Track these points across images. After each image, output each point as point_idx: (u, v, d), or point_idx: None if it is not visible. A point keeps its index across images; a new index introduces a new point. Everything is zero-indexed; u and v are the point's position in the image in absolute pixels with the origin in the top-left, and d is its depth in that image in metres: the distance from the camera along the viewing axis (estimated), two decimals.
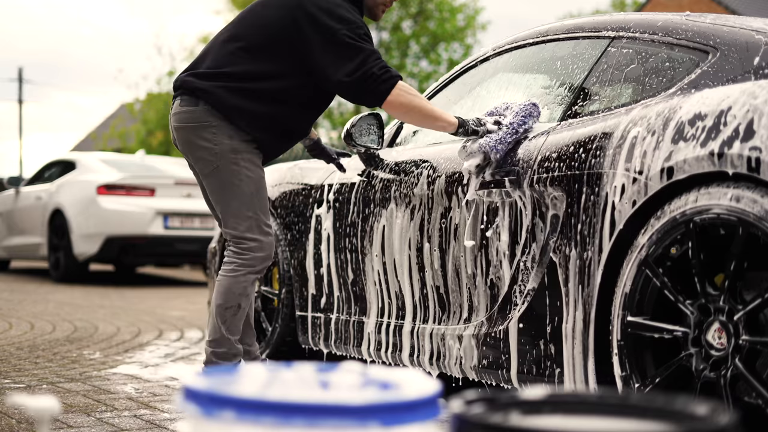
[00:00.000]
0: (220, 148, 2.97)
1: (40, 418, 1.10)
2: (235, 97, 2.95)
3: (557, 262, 2.51)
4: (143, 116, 23.38)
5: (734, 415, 0.90)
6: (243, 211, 3.00)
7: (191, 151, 3.04)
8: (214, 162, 2.98)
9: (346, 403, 0.93)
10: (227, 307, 3.00)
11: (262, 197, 3.05)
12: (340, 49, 2.85)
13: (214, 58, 3.02)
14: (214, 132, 2.97)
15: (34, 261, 10.59)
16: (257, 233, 3.02)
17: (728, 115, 2.11)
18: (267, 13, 2.98)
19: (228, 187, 2.99)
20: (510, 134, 2.76)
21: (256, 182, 3.02)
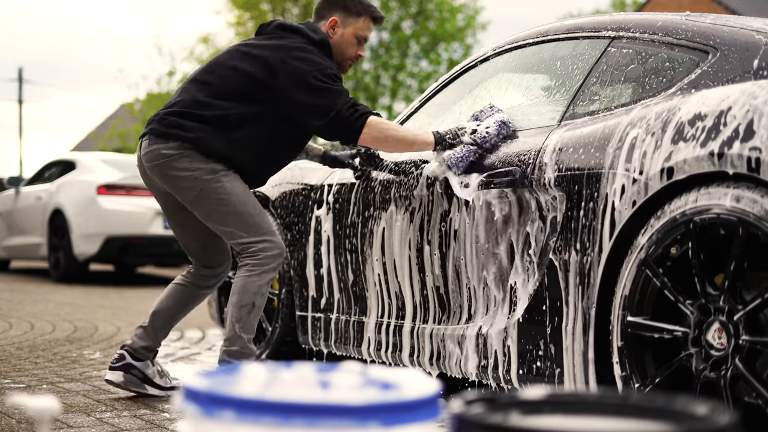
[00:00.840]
0: (198, 173, 2.99)
1: (40, 418, 1.10)
2: (207, 136, 2.99)
3: (557, 262, 2.51)
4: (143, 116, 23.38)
5: (734, 415, 0.90)
6: (241, 220, 3.02)
7: (171, 185, 3.06)
8: (196, 187, 3.00)
9: (346, 403, 0.93)
10: (242, 305, 3.01)
11: (255, 204, 3.07)
12: (310, 92, 2.96)
13: (184, 100, 3.05)
14: (189, 160, 2.99)
15: (34, 261, 10.59)
16: (263, 234, 3.03)
17: (728, 115, 2.11)
18: (240, 57, 3.05)
19: (217, 205, 3.02)
20: (472, 153, 2.90)
21: (242, 192, 3.04)
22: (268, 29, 3.16)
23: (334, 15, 3.20)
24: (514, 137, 2.85)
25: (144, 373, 3.14)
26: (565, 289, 2.49)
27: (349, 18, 3.20)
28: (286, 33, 3.11)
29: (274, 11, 28.20)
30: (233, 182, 3.03)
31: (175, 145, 3.00)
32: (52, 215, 9.13)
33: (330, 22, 3.19)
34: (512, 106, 3.15)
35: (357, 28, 3.21)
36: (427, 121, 3.47)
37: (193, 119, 3.00)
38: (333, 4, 3.22)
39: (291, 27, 3.13)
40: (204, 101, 3.01)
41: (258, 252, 3.01)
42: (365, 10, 3.23)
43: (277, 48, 3.02)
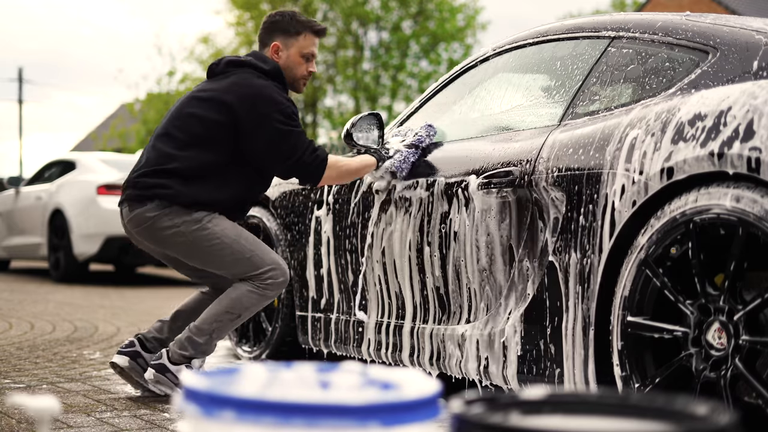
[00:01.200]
0: (183, 227, 3.01)
1: (40, 418, 1.10)
2: (182, 188, 3.01)
3: (557, 262, 2.51)
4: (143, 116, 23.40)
5: (734, 415, 0.90)
6: (240, 258, 3.04)
7: (161, 244, 3.08)
8: (186, 240, 3.02)
9: (346, 403, 0.93)
10: (228, 311, 3.05)
11: (248, 237, 3.09)
12: (272, 137, 3.02)
13: (152, 157, 3.07)
14: (171, 217, 3.01)
15: (34, 261, 10.59)
16: (268, 264, 3.06)
17: (728, 115, 2.11)
18: (198, 104, 3.08)
19: (211, 251, 3.03)
20: (412, 154, 3.15)
21: (232, 232, 3.06)
22: (218, 68, 3.17)
23: (275, 40, 3.22)
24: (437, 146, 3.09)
25: (147, 366, 3.16)
26: (565, 289, 2.49)
27: (290, 39, 3.22)
28: (237, 68, 3.13)
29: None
30: (220, 224, 3.05)
31: (154, 205, 3.02)
32: (52, 215, 9.13)
33: (272, 48, 3.21)
34: (512, 106, 3.15)
35: (300, 47, 3.22)
36: (428, 121, 3.47)
37: (164, 175, 3.02)
38: (271, 29, 3.24)
39: (240, 62, 3.14)
40: (171, 154, 3.03)
41: (266, 279, 3.06)
42: (303, 26, 3.24)
43: (232, 87, 3.05)
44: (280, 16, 3.24)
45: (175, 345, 3.07)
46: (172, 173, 3.01)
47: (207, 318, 3.05)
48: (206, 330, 3.05)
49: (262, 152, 3.04)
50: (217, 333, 3.07)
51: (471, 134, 3.16)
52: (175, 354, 3.07)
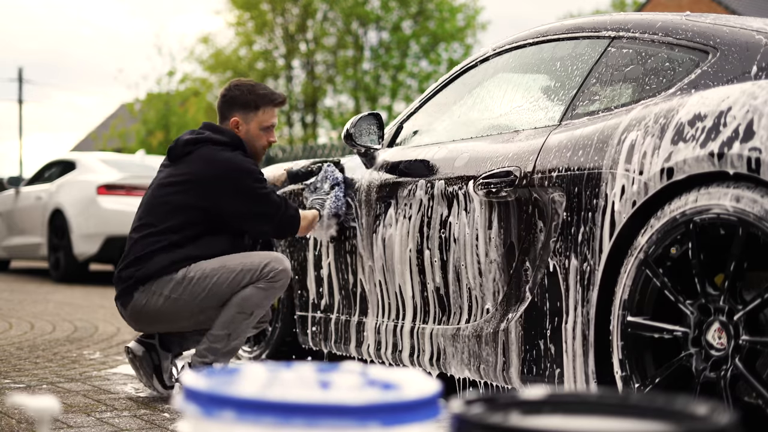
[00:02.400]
0: (174, 292, 3.01)
1: (40, 418, 1.10)
2: (155, 260, 3.02)
3: (557, 262, 2.51)
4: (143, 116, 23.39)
5: (734, 415, 0.90)
6: (233, 275, 3.02)
7: (169, 320, 3.08)
8: (182, 298, 3.01)
9: (346, 403, 0.93)
10: (240, 312, 3.02)
11: (229, 256, 3.06)
12: (254, 204, 3.08)
13: (133, 249, 3.07)
14: (158, 291, 3.01)
15: (34, 261, 10.59)
16: (260, 261, 3.04)
17: (728, 115, 2.11)
18: (168, 191, 3.08)
19: (208, 291, 3.01)
20: (339, 194, 3.40)
21: (213, 261, 3.04)
22: (177, 150, 3.12)
23: (234, 115, 3.21)
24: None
25: (160, 362, 3.19)
26: (565, 289, 2.49)
27: (249, 114, 3.20)
28: (197, 146, 3.10)
29: (274, 11, 28.21)
30: (201, 265, 3.03)
31: (139, 292, 3.03)
32: (52, 215, 9.13)
33: (232, 123, 3.20)
34: (512, 106, 3.15)
35: (260, 121, 3.22)
36: (428, 121, 3.47)
37: (142, 261, 3.03)
38: (230, 104, 3.22)
39: (198, 140, 3.11)
40: (150, 239, 3.04)
41: (266, 274, 3.03)
42: (262, 101, 3.22)
43: (202, 168, 3.04)
44: (238, 91, 3.21)
45: (196, 355, 3.06)
46: (153, 253, 3.03)
47: (220, 323, 3.03)
48: (222, 335, 3.02)
49: (247, 220, 3.11)
50: (234, 334, 3.03)
51: (471, 134, 3.16)
52: (196, 362, 3.06)
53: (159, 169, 3.21)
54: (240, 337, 3.05)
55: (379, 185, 3.29)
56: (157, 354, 3.20)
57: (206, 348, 3.03)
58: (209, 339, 3.03)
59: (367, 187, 3.35)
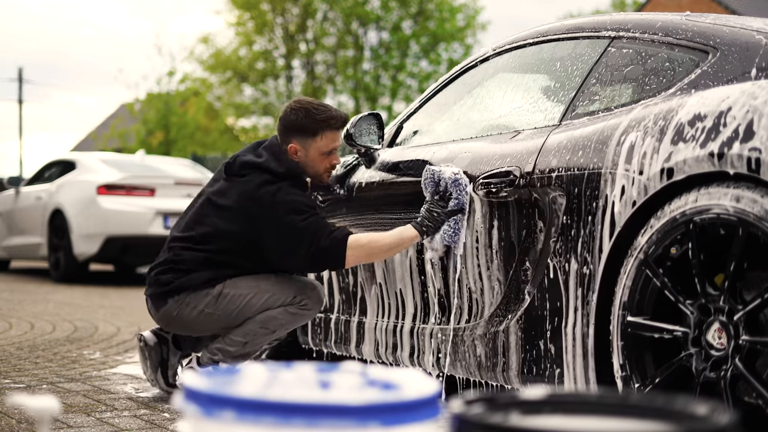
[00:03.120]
0: (207, 307, 2.99)
1: (40, 418, 1.10)
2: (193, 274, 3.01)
3: (557, 262, 2.51)
4: (143, 116, 23.39)
5: (734, 415, 0.90)
6: (266, 298, 3.00)
7: (198, 329, 3.09)
8: (215, 313, 3.00)
9: (346, 403, 0.93)
10: (264, 327, 3.01)
11: (264, 278, 3.03)
12: (288, 236, 2.94)
13: (168, 256, 3.05)
14: (192, 304, 3.00)
15: (34, 261, 10.59)
16: (293, 291, 3.01)
17: (728, 116, 2.11)
18: (215, 212, 3.03)
19: (240, 309, 2.99)
20: (459, 221, 2.88)
21: (249, 280, 3.02)
22: (234, 169, 3.06)
23: (292, 141, 3.06)
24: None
25: (168, 357, 3.21)
26: (565, 289, 2.49)
27: (308, 140, 3.05)
28: (251, 170, 3.01)
29: (274, 11, 28.22)
30: (237, 284, 3.01)
31: (174, 301, 3.02)
32: (52, 215, 9.13)
33: (290, 149, 3.06)
34: (512, 106, 3.15)
35: (318, 148, 3.06)
36: (428, 121, 3.47)
37: (187, 270, 3.02)
38: (288, 130, 3.08)
39: (255, 164, 3.02)
40: (193, 252, 3.02)
41: (298, 302, 3.02)
42: (321, 126, 3.04)
43: (244, 197, 2.97)
44: (294, 115, 3.06)
45: (207, 351, 3.07)
46: (190, 268, 3.01)
47: (241, 330, 3.02)
48: (239, 341, 3.02)
49: (282, 255, 3.00)
50: (250, 344, 3.03)
51: (471, 134, 3.16)
52: (204, 357, 3.07)
53: (214, 176, 3.16)
54: (255, 348, 3.05)
55: (378, 185, 3.29)
56: (167, 348, 3.22)
57: (219, 347, 3.03)
58: (225, 341, 3.03)
59: (367, 187, 3.34)
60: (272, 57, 28.89)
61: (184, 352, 3.26)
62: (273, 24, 28.41)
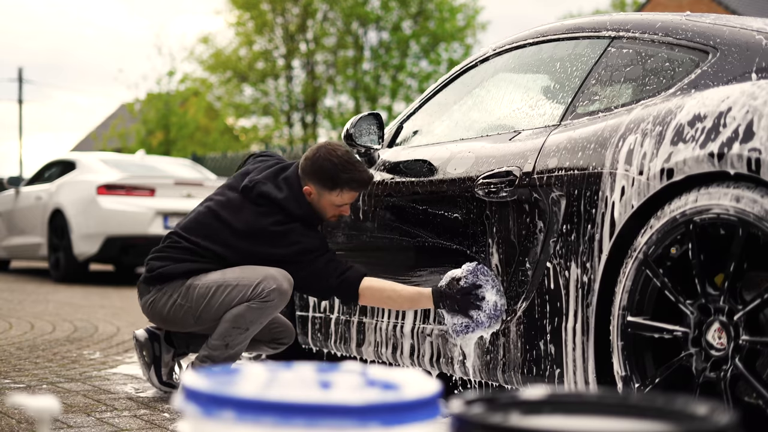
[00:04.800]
0: (181, 298, 3.00)
1: (40, 418, 1.10)
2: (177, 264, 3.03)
3: (557, 262, 2.51)
4: (143, 116, 23.38)
5: (734, 415, 0.90)
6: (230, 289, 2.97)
7: (174, 323, 3.09)
8: (188, 304, 3.01)
9: (346, 403, 0.93)
10: (235, 327, 2.98)
11: (232, 269, 3.02)
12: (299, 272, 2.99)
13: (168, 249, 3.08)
14: (168, 294, 3.02)
15: (34, 261, 10.59)
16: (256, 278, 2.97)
17: (728, 116, 2.11)
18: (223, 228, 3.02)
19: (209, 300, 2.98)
20: (474, 325, 2.78)
21: (217, 272, 3.01)
22: (252, 194, 3.03)
23: (309, 183, 3.03)
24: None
25: (161, 354, 3.21)
26: (566, 289, 2.49)
27: (324, 190, 3.02)
28: (269, 203, 3.01)
29: (274, 11, 28.22)
30: (206, 277, 3.01)
31: (154, 290, 3.05)
32: (52, 215, 9.13)
33: (306, 189, 3.03)
34: (512, 106, 3.15)
35: (332, 200, 3.04)
36: (428, 121, 3.47)
37: (171, 256, 3.05)
38: (309, 172, 3.03)
39: (274, 200, 3.00)
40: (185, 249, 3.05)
41: (259, 293, 2.96)
42: (343, 183, 3.00)
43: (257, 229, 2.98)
44: (320, 162, 3.00)
45: (197, 359, 3.06)
46: (175, 258, 3.04)
47: (217, 334, 3.01)
48: (219, 344, 3.00)
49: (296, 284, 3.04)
50: (231, 345, 3.00)
51: (471, 135, 3.16)
52: (197, 367, 3.05)
53: (228, 184, 3.13)
54: (237, 347, 3.02)
55: (378, 185, 3.29)
56: (159, 345, 3.22)
57: (206, 355, 3.02)
58: (208, 346, 3.02)
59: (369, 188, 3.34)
60: (272, 57, 28.89)
61: (178, 351, 3.26)
62: (273, 24, 28.41)
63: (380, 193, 3.27)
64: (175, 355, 3.26)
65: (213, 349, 3.00)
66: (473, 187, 2.84)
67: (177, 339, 3.26)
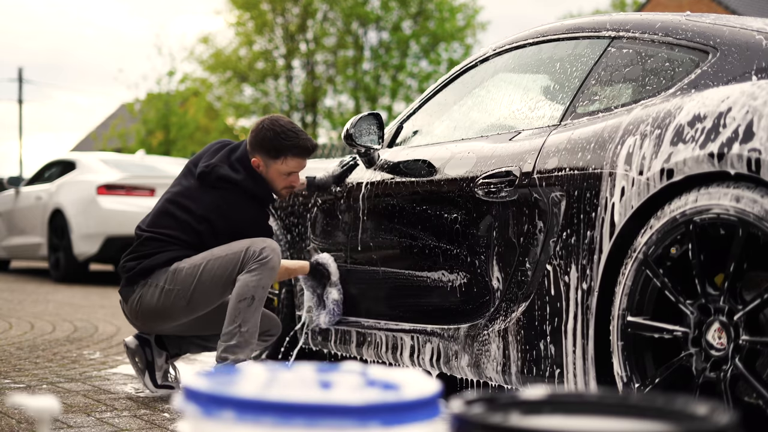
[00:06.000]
0: (168, 283, 3.03)
1: (40, 418, 1.10)
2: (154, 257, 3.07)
3: (557, 262, 2.51)
4: (143, 116, 23.39)
5: (734, 415, 0.90)
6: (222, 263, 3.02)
7: (165, 317, 3.09)
8: (177, 290, 3.03)
9: (346, 403, 0.93)
10: (241, 299, 2.99)
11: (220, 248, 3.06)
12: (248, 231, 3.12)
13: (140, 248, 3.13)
14: (153, 285, 3.04)
15: (34, 261, 10.59)
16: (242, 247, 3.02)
17: (728, 116, 2.11)
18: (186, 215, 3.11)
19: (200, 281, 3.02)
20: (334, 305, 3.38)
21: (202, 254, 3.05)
22: (210, 179, 3.11)
23: (256, 155, 3.15)
24: None
25: (154, 359, 3.21)
26: (565, 289, 2.49)
27: (269, 160, 3.13)
28: (225, 185, 3.10)
29: (274, 11, 28.21)
30: (191, 258, 3.05)
31: (138, 287, 3.07)
32: (52, 215, 9.13)
33: (254, 162, 3.14)
34: (512, 106, 3.15)
35: (279, 169, 3.15)
36: (428, 121, 3.47)
37: (149, 255, 3.08)
38: (256, 145, 3.15)
39: (233, 180, 3.10)
40: (158, 242, 3.09)
41: (252, 258, 3.01)
42: (285, 150, 3.12)
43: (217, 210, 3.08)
44: (263, 133, 3.13)
45: (217, 361, 3.04)
46: (150, 252, 3.08)
47: (227, 319, 3.01)
48: (232, 329, 2.99)
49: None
50: (243, 322, 2.99)
51: (471, 134, 3.16)
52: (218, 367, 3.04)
53: (183, 171, 3.21)
54: (249, 324, 2.99)
55: (378, 185, 3.29)
56: (150, 350, 3.21)
57: (223, 350, 3.00)
58: (223, 339, 3.00)
59: (367, 187, 3.34)
60: (272, 57, 28.89)
61: (170, 352, 3.26)
62: (273, 24, 28.40)
63: (380, 193, 3.27)
64: (168, 358, 3.25)
65: (228, 339, 2.98)
66: (473, 187, 2.84)
67: (168, 341, 3.26)
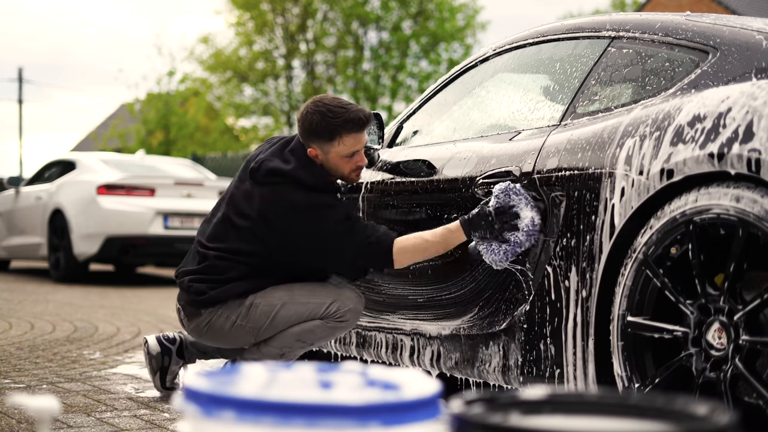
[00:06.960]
0: (240, 318, 2.89)
1: (40, 418, 1.10)
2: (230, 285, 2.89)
3: (557, 262, 2.51)
4: (143, 116, 23.38)
5: (734, 415, 0.90)
6: (301, 308, 2.88)
7: (230, 340, 2.97)
8: (248, 325, 2.89)
9: (346, 403, 0.93)
10: (299, 339, 2.91)
11: (299, 286, 2.92)
12: (325, 246, 2.83)
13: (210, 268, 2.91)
14: (226, 314, 2.89)
15: (34, 261, 10.59)
16: (329, 299, 2.89)
17: (727, 117, 2.11)
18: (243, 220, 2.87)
19: (274, 320, 2.88)
20: (510, 253, 2.64)
21: (281, 289, 2.90)
22: (259, 176, 2.87)
23: (311, 144, 2.88)
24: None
25: (169, 366, 3.21)
26: (566, 289, 2.49)
27: (325, 145, 2.86)
28: (279, 179, 2.84)
29: (274, 11, 28.21)
30: (269, 293, 2.90)
31: (208, 312, 2.91)
32: (52, 215, 9.13)
33: (311, 153, 2.89)
34: (512, 106, 3.15)
35: (339, 152, 2.87)
36: (428, 121, 3.47)
37: (223, 281, 2.89)
38: (307, 134, 2.88)
39: (282, 172, 2.84)
40: (226, 262, 2.88)
41: (334, 314, 2.89)
42: (338, 129, 2.82)
43: (272, 211, 2.82)
44: (310, 118, 2.85)
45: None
46: (223, 279, 2.89)
47: (277, 342, 2.91)
48: (275, 353, 2.92)
49: (326, 264, 2.94)
50: (286, 356, 2.93)
51: (471, 134, 3.16)
52: None
53: (239, 176, 2.97)
54: (291, 359, 2.95)
55: (378, 185, 3.29)
56: (169, 358, 3.21)
57: (255, 359, 2.96)
58: (261, 352, 2.94)
59: (367, 187, 3.34)
60: (272, 57, 28.88)
61: (187, 361, 3.26)
62: (273, 24, 28.40)
63: (380, 192, 3.27)
64: (184, 365, 3.26)
65: (265, 356, 2.93)
66: (473, 188, 2.84)
67: (188, 353, 3.25)
